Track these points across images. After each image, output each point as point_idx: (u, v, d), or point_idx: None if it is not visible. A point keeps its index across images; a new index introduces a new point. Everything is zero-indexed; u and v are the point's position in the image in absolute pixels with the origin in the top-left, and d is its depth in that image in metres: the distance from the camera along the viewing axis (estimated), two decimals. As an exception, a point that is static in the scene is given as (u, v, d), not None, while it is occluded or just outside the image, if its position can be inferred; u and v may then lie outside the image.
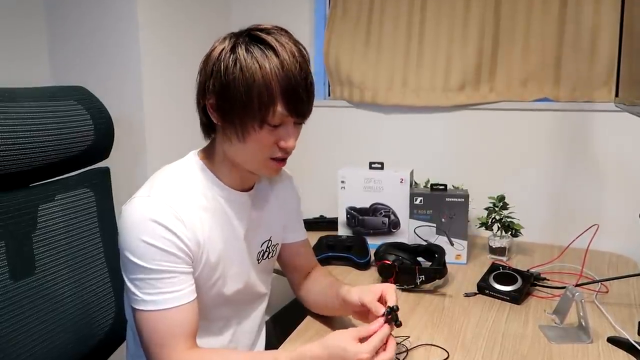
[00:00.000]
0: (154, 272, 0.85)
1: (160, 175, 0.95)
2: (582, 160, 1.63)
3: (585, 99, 1.60)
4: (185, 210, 0.89)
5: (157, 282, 0.86)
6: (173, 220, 0.87)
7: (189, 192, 0.93)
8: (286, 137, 0.90)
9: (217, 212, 0.96)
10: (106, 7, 1.70)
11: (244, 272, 1.03)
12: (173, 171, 0.96)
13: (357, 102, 1.89)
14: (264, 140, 0.89)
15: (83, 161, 1.16)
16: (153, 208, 0.87)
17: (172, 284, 0.86)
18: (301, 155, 1.98)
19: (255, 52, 0.85)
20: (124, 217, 0.88)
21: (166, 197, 0.89)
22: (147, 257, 0.85)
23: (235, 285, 1.01)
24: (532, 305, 1.22)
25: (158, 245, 0.85)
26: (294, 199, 1.18)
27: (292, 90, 0.86)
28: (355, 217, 1.62)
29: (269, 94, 0.85)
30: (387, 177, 1.58)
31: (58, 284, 1.06)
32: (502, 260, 1.50)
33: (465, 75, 1.73)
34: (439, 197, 1.48)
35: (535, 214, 1.68)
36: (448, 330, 1.10)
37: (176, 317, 0.86)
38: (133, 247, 0.86)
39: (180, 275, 0.88)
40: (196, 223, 0.91)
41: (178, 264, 0.87)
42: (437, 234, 1.48)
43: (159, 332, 0.85)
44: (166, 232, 0.86)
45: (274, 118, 0.87)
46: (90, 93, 1.18)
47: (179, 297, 0.87)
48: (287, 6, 1.96)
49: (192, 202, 0.92)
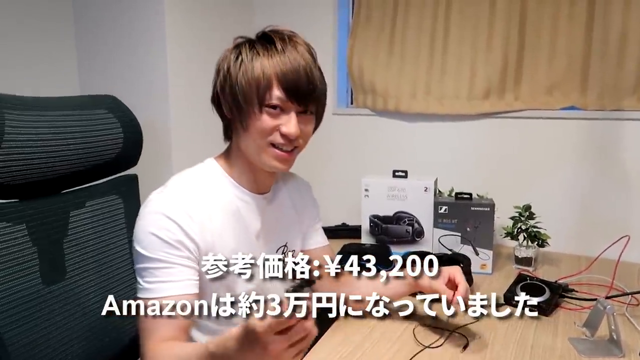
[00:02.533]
0: (154, 262, 0.88)
1: (176, 177, 0.99)
2: (610, 170, 1.60)
3: (614, 107, 1.57)
4: (195, 206, 0.92)
5: (156, 271, 0.88)
6: (181, 214, 0.89)
7: (203, 190, 0.96)
8: (287, 122, 0.92)
9: (229, 211, 0.98)
10: (134, 18, 1.74)
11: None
12: (189, 173, 1.00)
13: (381, 110, 1.89)
14: (264, 124, 0.92)
15: (112, 168, 1.18)
16: (163, 202, 0.91)
17: (170, 274, 0.88)
18: (324, 163, 2.00)
19: (258, 47, 0.92)
20: (139, 213, 0.92)
21: (178, 193, 0.93)
22: (150, 247, 0.88)
23: (247, 286, 1.01)
24: (561, 317, 1.20)
25: (160, 235, 0.88)
26: (312, 206, 1.19)
27: (290, 73, 0.90)
28: (378, 225, 1.61)
29: (266, 78, 0.89)
30: (411, 186, 1.57)
31: (87, 289, 1.08)
32: (529, 270, 1.48)
33: (490, 83, 1.72)
34: (463, 206, 1.46)
35: (562, 223, 1.65)
36: (476, 341, 1.08)
37: (168, 306, 0.86)
38: (140, 237, 0.89)
39: (179, 267, 0.89)
40: (205, 220, 0.93)
41: (178, 256, 0.89)
42: (462, 243, 1.47)
43: (148, 319, 0.86)
44: (171, 224, 0.88)
45: (271, 99, 0.90)
46: (120, 102, 1.21)
47: (174, 287, 0.88)
48: (310, 15, 1.97)
49: (205, 199, 0.94)
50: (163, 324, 0.87)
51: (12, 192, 0.97)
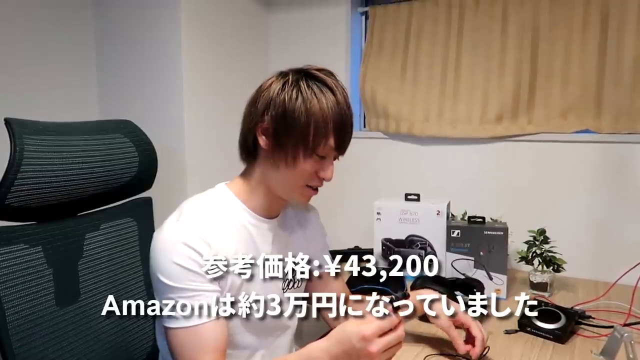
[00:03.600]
0: (183, 291, 0.89)
1: (188, 203, 1.00)
2: (626, 193, 1.58)
3: (628, 131, 1.56)
4: (211, 233, 0.93)
5: (187, 300, 0.89)
6: (200, 242, 0.91)
7: (216, 217, 0.97)
8: (327, 168, 0.97)
9: (242, 236, 0.99)
10: (152, 45, 1.79)
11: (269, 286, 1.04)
12: (201, 199, 1.01)
13: (393, 133, 1.90)
14: (308, 168, 0.95)
15: (128, 191, 1.20)
16: (182, 232, 0.91)
17: (200, 301, 0.90)
18: (337, 186, 1.99)
19: (315, 88, 0.93)
20: (155, 242, 0.93)
21: (194, 221, 0.94)
22: (177, 277, 0.89)
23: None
24: (578, 344, 1.17)
25: (186, 265, 0.89)
26: (320, 231, 1.20)
27: (343, 126, 0.94)
28: (390, 248, 1.60)
29: (324, 127, 0.92)
30: (424, 209, 1.57)
31: (101, 310, 1.09)
32: (544, 296, 1.46)
33: (503, 107, 1.72)
34: (477, 230, 1.45)
35: (578, 248, 1.63)
36: (488, 369, 1.06)
37: (205, 333, 0.89)
38: (165, 269, 0.90)
39: (207, 293, 0.91)
40: (221, 246, 0.94)
41: (204, 282, 0.90)
42: (475, 268, 1.46)
43: (188, 347, 0.88)
44: (193, 254, 0.90)
45: (323, 149, 0.93)
46: (136, 127, 1.24)
47: (207, 314, 0.89)
48: (324, 41, 2.01)
49: (218, 226, 0.96)
50: (206, 348, 0.89)
51: (30, 215, 0.99)
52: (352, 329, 0.86)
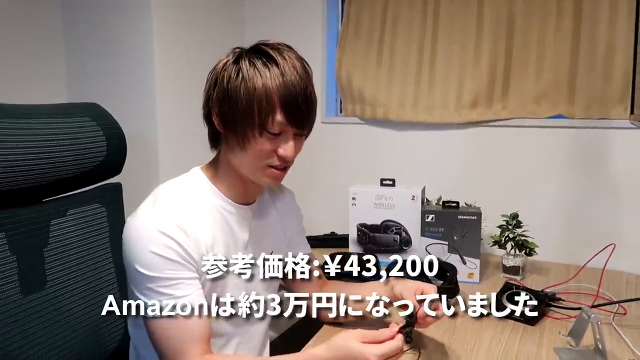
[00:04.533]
0: (161, 280, 0.87)
1: (163, 189, 0.97)
2: (597, 178, 1.60)
3: (601, 117, 1.58)
4: (187, 221, 0.91)
5: (166, 289, 0.87)
6: (176, 230, 0.89)
7: (192, 203, 0.95)
8: (285, 146, 0.93)
9: (218, 223, 0.97)
10: (123, 28, 1.74)
11: (244, 283, 1.03)
12: (176, 185, 0.99)
13: (369, 118, 1.89)
14: (263, 147, 0.92)
15: (95, 177, 1.17)
16: (158, 220, 0.89)
17: (180, 289, 0.88)
18: (313, 172, 2.00)
19: (257, 63, 0.90)
20: (129, 230, 0.90)
21: (169, 208, 0.91)
22: (156, 267, 0.87)
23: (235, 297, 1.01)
24: (547, 326, 1.19)
25: (163, 254, 0.87)
26: (296, 215, 1.19)
27: (292, 99, 0.89)
28: (366, 234, 1.60)
29: (268, 102, 0.88)
30: (399, 194, 1.57)
31: (68, 298, 1.07)
32: (516, 279, 1.47)
33: (478, 93, 1.72)
34: (451, 214, 1.46)
35: (550, 232, 1.65)
36: (460, 350, 1.07)
37: (188, 322, 0.87)
38: (142, 259, 0.87)
39: (187, 281, 0.89)
40: (199, 233, 0.92)
41: (183, 270, 0.89)
42: (449, 252, 1.46)
43: (173, 338, 0.87)
44: (171, 242, 0.88)
45: (273, 126, 0.90)
46: (104, 110, 1.20)
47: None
48: (299, 24, 1.98)
49: (195, 213, 0.94)
50: (191, 337, 0.87)
51: (-9, 200, 0.96)
52: (356, 346, 0.84)
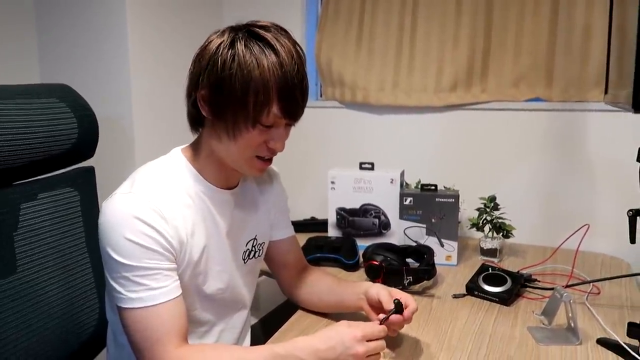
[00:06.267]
0: (138, 270, 0.84)
1: (142, 172, 0.94)
2: (574, 160, 1.62)
3: (578, 99, 1.59)
4: (167, 207, 0.88)
5: (142, 278, 0.84)
6: (155, 217, 0.86)
7: (171, 188, 0.92)
8: (277, 138, 0.90)
9: (200, 209, 0.95)
10: (96, 8, 1.69)
11: (227, 271, 1.02)
12: (155, 167, 0.95)
13: (349, 102, 1.88)
14: (254, 139, 0.88)
15: (67, 160, 1.15)
16: (135, 205, 0.85)
17: (157, 280, 0.85)
18: (292, 156, 1.98)
19: (254, 49, 0.84)
20: (105, 214, 0.86)
21: (148, 193, 0.88)
22: (131, 255, 0.83)
23: (217, 284, 1.00)
24: (522, 306, 1.20)
25: (141, 242, 0.84)
26: (281, 197, 1.17)
27: (289, 91, 0.85)
28: (345, 218, 1.60)
29: (265, 94, 0.84)
30: (378, 178, 1.56)
31: (40, 283, 1.05)
32: (494, 261, 1.49)
33: (457, 76, 1.72)
34: (429, 197, 1.46)
35: (527, 215, 1.66)
36: (434, 332, 1.08)
37: (165, 313, 0.85)
38: (116, 245, 0.84)
39: (165, 272, 0.86)
40: (179, 220, 0.90)
41: (161, 260, 0.86)
42: (428, 235, 1.47)
43: (149, 330, 0.84)
44: (148, 229, 0.85)
45: (267, 119, 0.86)
46: (74, 91, 1.17)
47: (166, 293, 0.85)
48: (278, 6, 1.95)
49: (175, 198, 0.91)
50: (167, 329, 0.84)
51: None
52: (344, 328, 0.86)
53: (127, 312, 0.84)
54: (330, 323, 1.11)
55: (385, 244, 1.38)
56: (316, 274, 1.19)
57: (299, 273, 1.19)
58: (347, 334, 0.84)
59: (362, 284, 1.07)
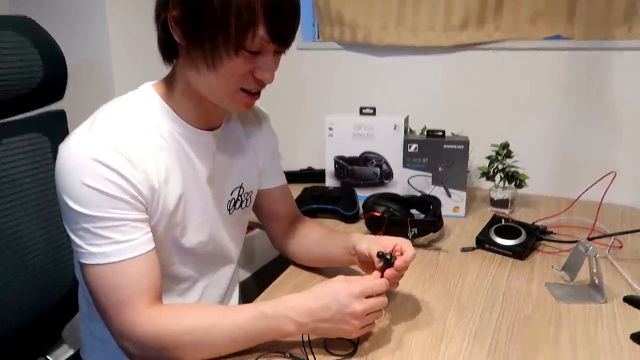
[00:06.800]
0: (100, 220, 0.72)
1: (106, 109, 0.80)
2: (596, 104, 1.48)
3: (603, 37, 1.43)
4: (134, 148, 0.76)
5: (105, 230, 0.72)
6: (118, 159, 0.73)
7: (140, 127, 0.79)
8: (264, 67, 0.77)
9: (175, 152, 0.82)
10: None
11: (208, 223, 0.90)
12: (121, 104, 0.82)
13: (348, 42, 1.72)
14: (238, 68, 0.75)
15: (34, 102, 1.03)
16: (95, 146, 0.73)
17: (123, 233, 0.73)
18: (288, 102, 1.85)
19: None
20: (61, 157, 0.74)
21: (111, 132, 0.75)
22: (90, 203, 0.71)
23: (197, 237, 0.89)
24: (537, 261, 1.09)
25: (102, 189, 0.72)
26: (271, 141, 1.04)
27: (278, 10, 0.72)
28: (343, 167, 1.48)
29: (250, 12, 0.70)
30: (380, 124, 1.43)
31: (7, 237, 0.95)
32: (505, 212, 1.38)
33: (468, 12, 1.55)
34: (436, 144, 1.33)
35: (542, 164, 1.54)
36: (442, 288, 0.97)
37: (133, 270, 0.73)
38: (72, 192, 0.72)
39: (132, 223, 0.74)
40: (149, 164, 0.77)
41: (128, 210, 0.74)
42: (434, 185, 1.35)
43: (115, 289, 0.72)
44: (110, 174, 0.72)
45: (253, 43, 0.73)
46: (37, 24, 1.03)
47: (134, 247, 0.74)
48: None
49: (144, 139, 0.78)
50: (137, 288, 0.73)
51: None
52: (339, 284, 0.74)
53: (90, 268, 0.73)
54: (326, 278, 1.00)
55: (388, 194, 1.26)
56: (307, 226, 1.08)
57: (290, 225, 1.08)
58: (343, 290, 0.73)
59: (352, 237, 0.94)
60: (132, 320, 0.72)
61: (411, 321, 0.85)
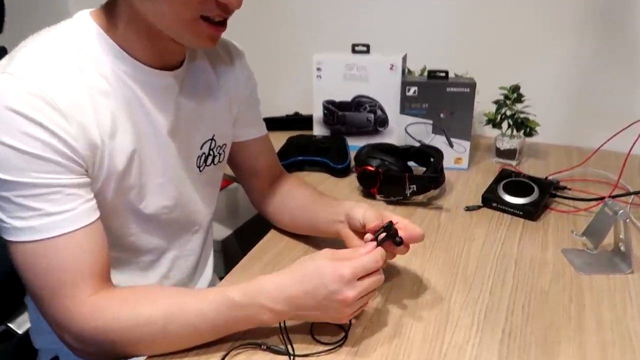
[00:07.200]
0: (23, 187, 0.57)
1: (29, 44, 0.63)
2: (617, 41, 1.31)
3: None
4: (65, 93, 0.59)
5: (31, 200, 0.57)
6: (44, 108, 0.57)
7: (75, 67, 0.62)
8: None
9: (123, 98, 0.66)
10: None
11: (173, 184, 0.76)
12: (50, 37, 0.64)
13: (340, -31, 1.52)
14: None
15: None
16: (11, 92, 0.56)
17: (56, 202, 0.58)
18: (270, 39, 1.66)
19: None
20: None
21: (33, 74, 0.58)
22: (9, 167, 0.56)
23: (160, 202, 0.74)
24: (552, 222, 0.97)
25: (22, 147, 0.56)
26: (247, 83, 0.88)
27: None
28: (334, 113, 1.32)
29: None
30: (374, 63, 1.26)
31: None
32: (512, 164, 1.24)
33: None
34: (438, 86, 1.18)
35: (554, 109, 1.39)
36: (445, 256, 0.85)
37: (70, 248, 0.59)
38: None
39: (67, 189, 0.59)
40: (87, 113, 0.61)
41: (60, 173, 0.59)
42: (434, 133, 1.21)
43: (49, 272, 0.58)
44: (33, 128, 0.56)
45: None
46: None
47: (70, 220, 0.59)
48: None
49: (80, 81, 0.62)
50: (76, 270, 0.59)
51: None
52: (326, 263, 0.60)
53: (16, 246, 0.58)
54: (310, 250, 0.87)
55: (383, 145, 1.12)
56: (291, 184, 0.94)
57: (271, 182, 0.94)
58: (331, 273, 0.59)
59: (344, 203, 0.79)
60: (72, 310, 0.59)
61: (410, 300, 0.73)
